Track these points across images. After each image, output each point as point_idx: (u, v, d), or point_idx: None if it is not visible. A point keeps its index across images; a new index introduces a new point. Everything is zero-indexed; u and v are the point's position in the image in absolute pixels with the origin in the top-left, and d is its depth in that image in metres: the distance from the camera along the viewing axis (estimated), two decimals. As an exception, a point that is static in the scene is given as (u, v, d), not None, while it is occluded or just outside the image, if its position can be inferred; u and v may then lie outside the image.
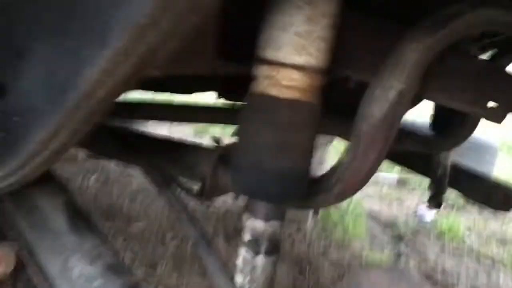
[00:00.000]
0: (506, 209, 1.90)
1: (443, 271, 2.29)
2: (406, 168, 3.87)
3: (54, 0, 0.53)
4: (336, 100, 1.31)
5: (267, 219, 0.75)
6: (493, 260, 2.52)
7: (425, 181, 2.22)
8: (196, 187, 1.04)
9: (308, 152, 0.73)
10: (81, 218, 0.80)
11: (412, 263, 2.31)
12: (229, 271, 0.79)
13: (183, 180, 1.04)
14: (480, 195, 1.91)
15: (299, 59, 0.68)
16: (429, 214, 2.98)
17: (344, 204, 2.82)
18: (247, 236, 0.76)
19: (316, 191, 0.92)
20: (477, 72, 0.93)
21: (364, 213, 2.82)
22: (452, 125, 1.62)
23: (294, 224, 2.45)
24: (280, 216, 0.76)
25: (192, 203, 2.30)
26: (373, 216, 2.85)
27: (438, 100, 0.91)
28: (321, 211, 2.62)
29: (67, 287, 0.74)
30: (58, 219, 0.79)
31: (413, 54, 0.78)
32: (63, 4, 0.53)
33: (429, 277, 2.19)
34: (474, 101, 0.94)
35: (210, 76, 1.13)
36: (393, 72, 0.80)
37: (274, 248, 0.76)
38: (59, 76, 0.55)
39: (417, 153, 2.02)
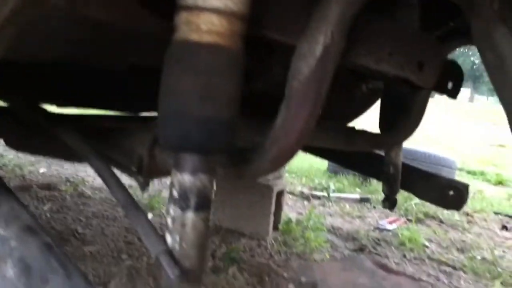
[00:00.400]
0: (458, 207, 1.92)
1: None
2: (363, 185, 3.91)
3: None
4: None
5: (194, 172, 0.72)
6: (454, 267, 2.52)
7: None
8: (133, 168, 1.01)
9: (232, 99, 0.72)
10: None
11: (373, 272, 2.29)
12: (160, 232, 0.75)
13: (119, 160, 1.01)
14: (433, 194, 1.93)
15: (218, 3, 0.68)
16: (390, 226, 3.00)
17: (304, 220, 2.80)
18: (174, 193, 0.73)
19: (251, 158, 0.90)
20: (405, 36, 0.96)
21: (326, 228, 2.80)
22: (398, 121, 1.65)
23: (254, 240, 2.41)
24: (208, 169, 0.73)
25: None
26: (334, 231, 2.83)
27: (367, 63, 0.92)
28: (282, 226, 2.59)
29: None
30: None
31: (337, 7, 0.80)
32: None
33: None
34: (403, 65, 0.96)
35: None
36: (318, 27, 0.81)
37: (204, 203, 0.73)
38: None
39: (369, 157, 2.05)
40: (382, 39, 0.93)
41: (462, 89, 1.49)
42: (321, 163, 4.86)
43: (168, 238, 0.73)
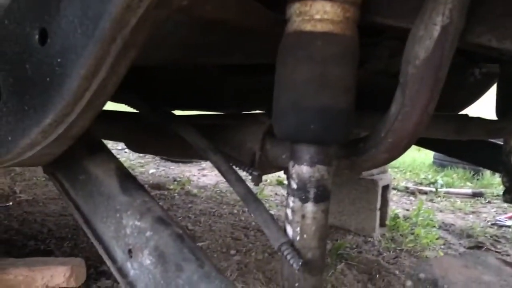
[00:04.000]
0: None
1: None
2: (474, 179, 3.64)
3: None
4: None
5: (312, 163, 0.72)
6: None
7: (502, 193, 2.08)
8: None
9: (348, 88, 0.71)
10: (131, 180, 0.82)
11: (494, 271, 2.13)
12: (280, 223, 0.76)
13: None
14: None
15: (331, -9, 0.67)
16: (510, 222, 2.76)
17: (412, 216, 2.69)
18: (293, 185, 0.73)
19: (364, 148, 0.88)
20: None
21: (436, 224, 2.66)
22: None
23: (360, 236, 2.36)
24: (326, 160, 0.72)
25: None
26: (446, 227, 2.68)
27: (489, 42, 0.85)
28: (389, 222, 2.51)
29: (121, 243, 0.74)
30: (110, 183, 0.81)
31: (455, -17, 0.75)
32: None
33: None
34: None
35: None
36: (435, 7, 0.77)
37: (323, 194, 0.73)
38: (92, 7, 0.58)
39: (484, 146, 1.90)
40: (506, 12, 0.85)
41: None
42: (426, 157, 4.63)
43: (289, 230, 0.74)
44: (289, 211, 0.74)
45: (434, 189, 3.55)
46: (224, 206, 2.94)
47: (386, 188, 2.48)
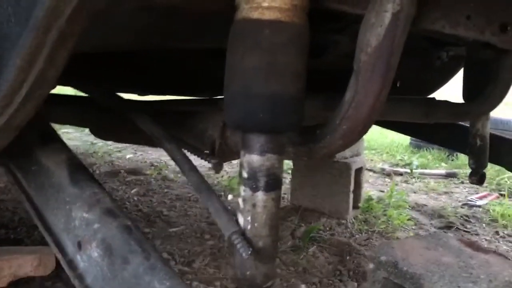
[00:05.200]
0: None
1: (498, 256, 2.14)
2: (449, 159, 3.69)
3: None
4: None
5: (262, 152, 0.72)
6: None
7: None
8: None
9: (298, 75, 0.70)
10: (81, 172, 0.81)
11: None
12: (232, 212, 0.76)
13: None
14: (528, 167, 1.78)
15: (278, -22, 0.66)
16: (481, 202, 2.82)
17: (385, 197, 2.72)
18: (244, 174, 0.73)
19: (321, 136, 0.88)
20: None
21: (409, 205, 2.70)
22: (484, 89, 1.53)
23: (333, 219, 2.38)
24: (277, 149, 0.72)
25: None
26: (418, 208, 2.73)
27: (442, 28, 0.86)
28: (362, 204, 2.54)
29: (71, 236, 0.74)
30: (61, 174, 0.80)
31: (405, -30, 0.75)
32: None
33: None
34: (483, 28, 0.88)
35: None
36: (386, -6, 0.76)
37: (273, 183, 0.73)
38: (26, -3, 0.56)
39: (454, 129, 1.93)
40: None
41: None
42: (403, 138, 4.68)
43: (240, 219, 0.74)
44: (240, 200, 0.74)
45: (409, 170, 3.60)
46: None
47: (359, 170, 2.50)
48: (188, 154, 0.94)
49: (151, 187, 3.02)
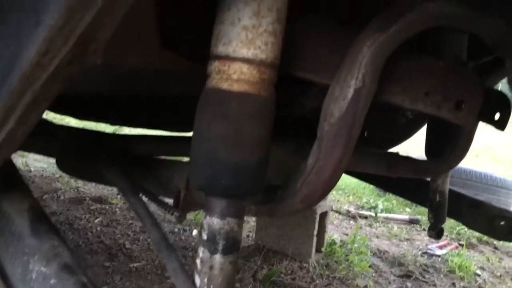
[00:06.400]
0: (509, 237, 1.83)
1: (453, 309, 2.19)
2: (413, 205, 3.77)
3: None
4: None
5: (223, 216, 0.74)
6: (508, 299, 2.40)
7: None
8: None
9: (262, 145, 0.73)
10: (43, 222, 0.81)
11: (419, 301, 2.22)
12: (190, 272, 0.77)
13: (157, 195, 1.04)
14: (482, 223, 1.84)
15: (248, 53, 0.70)
16: (440, 251, 2.89)
17: (348, 242, 2.76)
18: (204, 235, 0.75)
19: (281, 197, 0.91)
20: (444, 74, 0.94)
21: (371, 251, 2.74)
22: (446, 148, 1.59)
23: (296, 262, 2.40)
24: (237, 213, 0.75)
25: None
26: (380, 254, 2.77)
27: (402, 103, 0.91)
28: (325, 248, 2.56)
29: (26, 288, 0.73)
30: (22, 223, 0.79)
31: (368, 51, 0.80)
32: None
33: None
34: (440, 104, 0.94)
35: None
36: (350, 70, 0.81)
37: (232, 247, 0.75)
38: (3, 60, 0.58)
39: (415, 182, 1.99)
40: (418, 77, 0.91)
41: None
42: (370, 181, 4.76)
43: (197, 280, 0.75)
44: (198, 261, 0.76)
45: (374, 214, 3.66)
46: (166, 224, 2.91)
47: (324, 214, 2.54)
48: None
49: (116, 217, 2.97)
